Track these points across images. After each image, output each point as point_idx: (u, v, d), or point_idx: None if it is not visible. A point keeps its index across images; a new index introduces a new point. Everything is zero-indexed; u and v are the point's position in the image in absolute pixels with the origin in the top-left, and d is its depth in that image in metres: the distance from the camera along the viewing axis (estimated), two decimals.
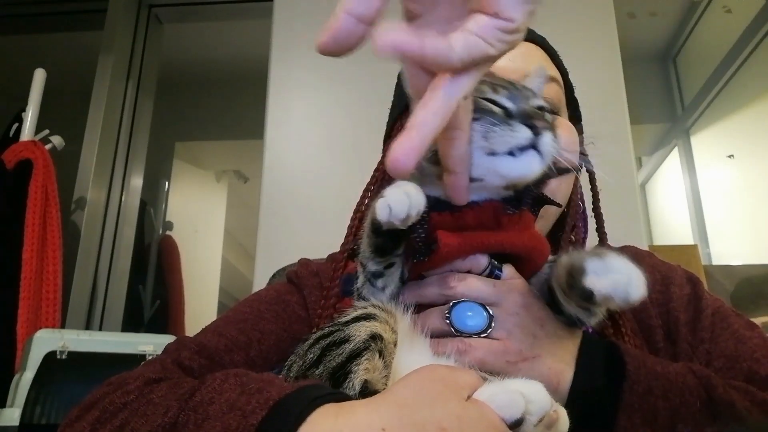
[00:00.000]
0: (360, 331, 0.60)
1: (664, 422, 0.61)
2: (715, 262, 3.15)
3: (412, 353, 0.63)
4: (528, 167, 0.64)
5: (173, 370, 0.70)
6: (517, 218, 0.69)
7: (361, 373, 0.57)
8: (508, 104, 0.68)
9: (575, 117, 1.04)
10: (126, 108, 2.70)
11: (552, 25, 2.12)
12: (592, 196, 1.00)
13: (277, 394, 0.53)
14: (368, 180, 0.95)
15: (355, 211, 0.92)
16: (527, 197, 0.68)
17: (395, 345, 0.62)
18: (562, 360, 0.66)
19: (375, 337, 0.60)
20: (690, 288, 0.86)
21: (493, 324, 0.66)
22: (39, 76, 2.27)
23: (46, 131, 2.24)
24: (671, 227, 3.67)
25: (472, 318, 0.66)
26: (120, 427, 0.58)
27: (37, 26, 3.18)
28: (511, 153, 0.64)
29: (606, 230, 0.96)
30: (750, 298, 2.30)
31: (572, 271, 0.60)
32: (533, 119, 0.65)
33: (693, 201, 3.39)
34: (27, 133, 2.19)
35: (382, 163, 0.96)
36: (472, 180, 0.66)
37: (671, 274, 0.88)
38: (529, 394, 0.53)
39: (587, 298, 0.59)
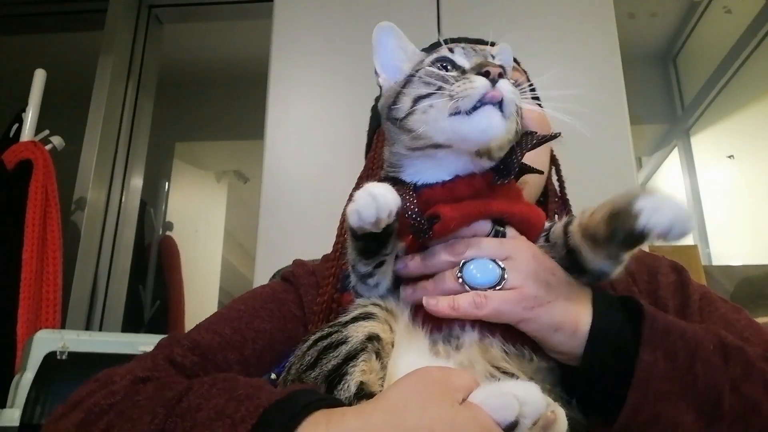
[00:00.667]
0: (358, 332, 0.60)
1: (684, 360, 0.62)
2: (715, 262, 3.15)
3: (410, 353, 0.62)
4: (488, 122, 0.63)
5: (164, 367, 0.69)
6: (507, 188, 0.70)
7: (357, 374, 0.56)
8: (463, 61, 0.68)
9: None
10: (126, 108, 2.70)
11: (552, 25, 2.14)
12: (558, 184, 1.02)
13: (266, 401, 0.53)
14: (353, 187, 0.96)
15: (343, 214, 0.93)
16: (513, 164, 0.68)
17: (393, 345, 0.62)
18: (579, 303, 0.67)
19: (372, 338, 0.60)
20: (675, 275, 0.87)
21: (505, 276, 0.66)
22: (39, 76, 2.27)
23: (46, 131, 2.23)
24: None
25: (484, 273, 0.66)
26: (105, 430, 0.57)
27: (37, 26, 3.17)
28: (468, 112, 0.63)
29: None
30: (750, 298, 2.29)
31: (618, 214, 0.58)
32: (486, 66, 0.64)
33: (693, 201, 3.38)
34: (27, 133, 2.19)
35: (365, 172, 0.97)
36: (440, 146, 0.67)
37: (656, 263, 0.89)
38: (524, 397, 0.52)
39: (637, 238, 0.58)
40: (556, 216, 0.97)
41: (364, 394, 0.55)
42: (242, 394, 0.55)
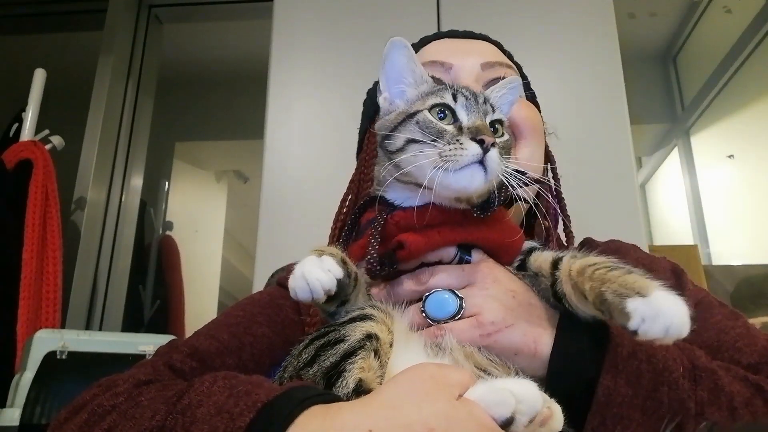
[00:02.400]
0: (355, 331, 0.60)
1: (648, 384, 0.62)
2: (715, 262, 3.15)
3: (408, 354, 0.63)
4: (470, 180, 0.66)
5: (164, 373, 0.70)
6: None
7: (356, 371, 0.57)
8: (463, 116, 0.70)
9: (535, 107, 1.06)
10: (126, 108, 2.70)
11: (552, 25, 2.14)
12: (556, 194, 1.00)
13: (265, 397, 0.53)
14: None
15: (335, 221, 0.94)
16: (494, 203, 0.69)
17: (391, 345, 0.62)
18: (538, 325, 0.68)
19: (371, 337, 0.60)
20: (674, 280, 0.86)
21: (463, 305, 0.68)
22: (39, 76, 2.27)
23: (46, 131, 2.24)
24: (671, 227, 3.67)
25: (443, 307, 0.69)
26: (108, 430, 0.58)
27: (37, 26, 3.18)
28: (454, 171, 0.65)
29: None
30: (750, 298, 2.30)
31: (609, 303, 0.58)
32: (483, 134, 0.66)
33: (693, 201, 3.38)
34: (27, 133, 2.19)
35: (356, 174, 0.97)
36: (423, 187, 0.68)
37: (655, 266, 0.89)
38: (520, 393, 0.52)
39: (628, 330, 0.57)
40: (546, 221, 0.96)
41: (362, 390, 0.56)
42: (241, 391, 0.55)
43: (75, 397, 0.66)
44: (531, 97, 1.07)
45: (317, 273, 0.62)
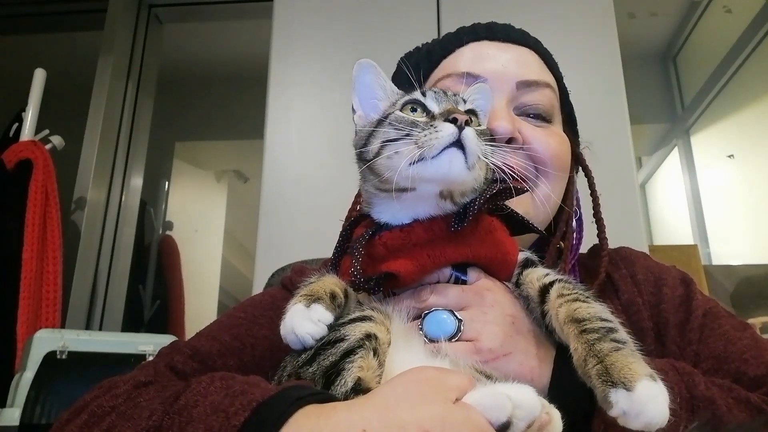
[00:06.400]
0: (355, 331, 0.60)
1: None
2: (715, 262, 3.15)
3: (407, 354, 0.63)
4: (449, 165, 0.64)
5: (166, 374, 0.70)
6: (473, 225, 0.69)
7: (354, 370, 0.57)
8: (433, 106, 0.70)
9: (570, 122, 1.03)
10: (126, 108, 2.70)
11: (552, 25, 2.14)
12: (592, 201, 0.98)
13: (260, 396, 0.54)
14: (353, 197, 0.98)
15: (340, 233, 0.92)
16: (469, 213, 0.67)
17: (389, 345, 0.62)
18: (535, 356, 0.67)
19: (370, 337, 0.60)
20: (683, 289, 0.86)
21: (461, 328, 0.67)
22: (39, 76, 2.27)
23: (46, 131, 2.24)
24: (671, 227, 3.67)
25: (441, 326, 0.68)
26: (107, 430, 0.58)
27: (37, 26, 3.19)
28: (433, 157, 0.64)
29: (607, 233, 0.95)
30: (750, 298, 2.30)
31: (592, 384, 0.57)
32: (455, 113, 0.65)
33: (693, 201, 3.38)
34: (27, 133, 2.19)
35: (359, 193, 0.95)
36: (405, 190, 0.67)
37: (664, 275, 0.88)
38: (517, 398, 0.52)
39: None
40: (563, 241, 0.93)
41: (360, 389, 0.56)
42: (237, 390, 0.55)
43: (75, 397, 0.66)
44: (569, 112, 1.02)
45: (307, 327, 0.62)
